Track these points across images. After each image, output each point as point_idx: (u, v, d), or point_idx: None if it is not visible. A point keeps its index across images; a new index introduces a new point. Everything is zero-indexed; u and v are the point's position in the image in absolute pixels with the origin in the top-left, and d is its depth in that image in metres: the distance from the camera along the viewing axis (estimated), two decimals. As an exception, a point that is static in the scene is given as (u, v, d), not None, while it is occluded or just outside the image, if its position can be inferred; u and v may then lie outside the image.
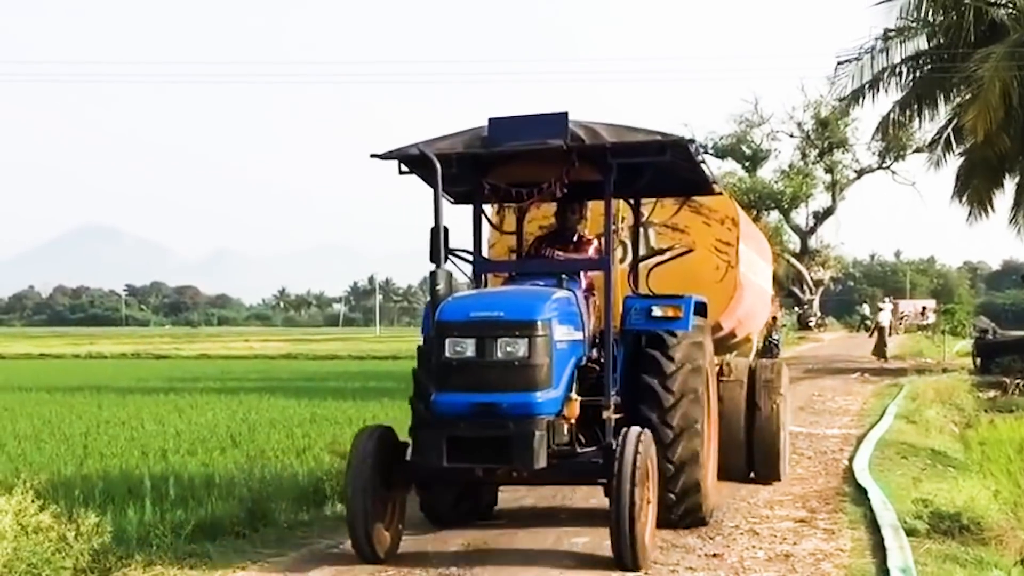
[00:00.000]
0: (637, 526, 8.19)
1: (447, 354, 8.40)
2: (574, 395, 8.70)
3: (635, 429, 8.56)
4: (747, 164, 67.07)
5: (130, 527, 9.50)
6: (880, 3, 35.11)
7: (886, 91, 36.07)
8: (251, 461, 13.13)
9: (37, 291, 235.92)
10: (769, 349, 35.73)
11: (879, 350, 40.92)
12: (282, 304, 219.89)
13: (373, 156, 9.36)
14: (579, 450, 8.73)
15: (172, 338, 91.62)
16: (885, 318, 43.33)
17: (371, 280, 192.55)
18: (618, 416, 9.17)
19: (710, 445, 10.28)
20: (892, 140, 51.68)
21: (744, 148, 66.67)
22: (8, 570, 8.21)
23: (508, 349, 8.31)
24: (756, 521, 10.40)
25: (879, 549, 9.01)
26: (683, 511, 9.60)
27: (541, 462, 8.23)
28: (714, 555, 8.99)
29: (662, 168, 9.42)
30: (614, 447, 8.46)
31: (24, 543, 8.71)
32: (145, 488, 10.90)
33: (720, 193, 11.59)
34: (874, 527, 9.85)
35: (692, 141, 9.40)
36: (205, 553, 9.11)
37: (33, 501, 10.12)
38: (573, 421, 8.67)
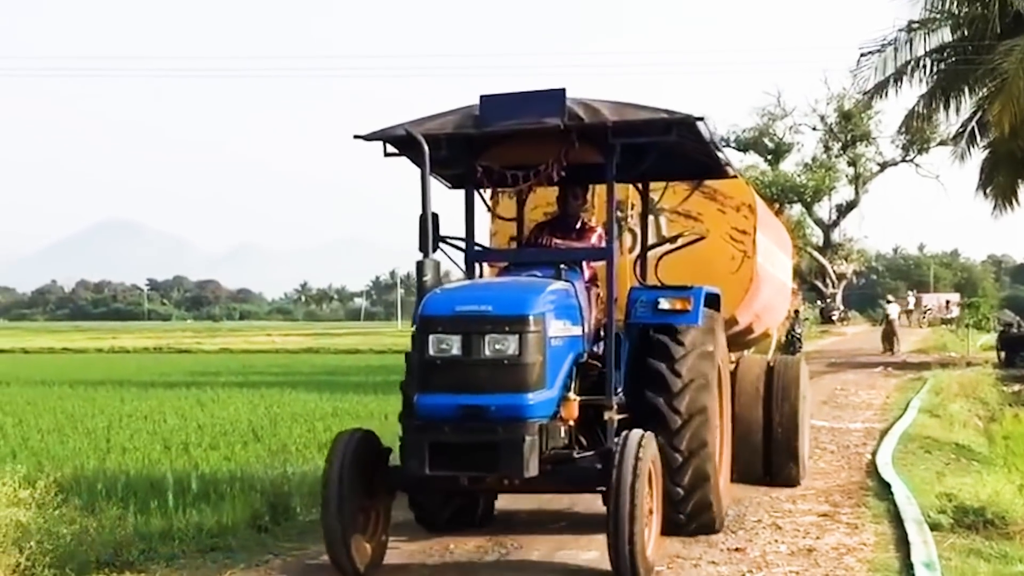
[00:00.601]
0: (637, 539, 7.52)
1: (430, 352, 7.72)
2: (572, 395, 8.11)
3: (636, 432, 7.88)
4: (769, 157, 66.76)
5: (152, 521, 9.52)
6: (905, -5, 34.89)
7: (910, 84, 35.92)
8: (273, 455, 13.14)
9: (60, 286, 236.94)
10: (791, 343, 35.60)
11: (888, 342, 41.23)
12: (304, 298, 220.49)
13: (357, 137, 8.79)
14: (576, 454, 8.15)
15: (194, 332, 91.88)
16: (893, 311, 43.84)
17: (393, 274, 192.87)
18: (622, 416, 8.62)
19: (723, 442, 9.81)
20: (916, 133, 51.44)
21: (767, 141, 66.35)
22: (31, 563, 8.23)
23: (497, 347, 7.63)
24: (779, 515, 10.35)
25: (903, 543, 8.96)
26: (691, 510, 8.99)
27: (532, 470, 7.56)
28: (736, 549, 8.95)
29: (670, 149, 8.86)
30: (614, 451, 7.79)
31: (47, 536, 8.74)
32: (167, 482, 10.96)
33: (735, 176, 10.87)
34: (898, 521, 9.80)
35: (701, 119, 8.56)
36: (227, 547, 9.13)
37: (56, 494, 10.16)
38: (571, 423, 8.11)
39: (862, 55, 36.27)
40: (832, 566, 8.48)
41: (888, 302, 47.11)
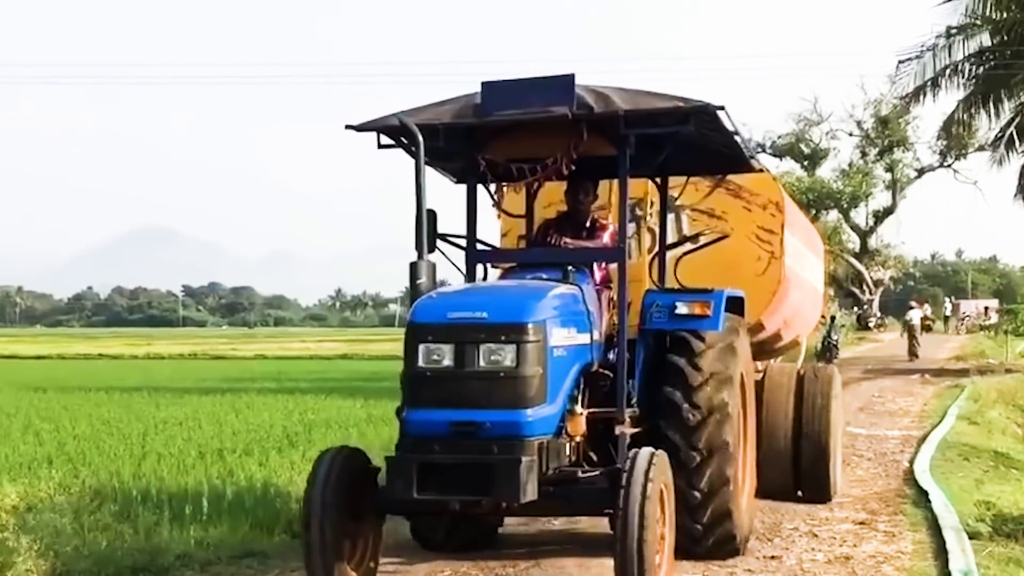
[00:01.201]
0: (647, 567, 6.82)
1: (420, 363, 7.13)
2: (579, 408, 7.55)
3: (647, 449, 7.20)
4: (806, 163, 66.59)
5: (187, 527, 9.54)
6: (944, 2, 34.74)
7: (948, 89, 35.76)
8: (307, 461, 13.12)
9: (96, 292, 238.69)
10: (828, 350, 35.44)
11: (911, 349, 41.29)
12: (338, 304, 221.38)
13: (348, 128, 8.21)
14: (581, 474, 7.50)
15: (229, 339, 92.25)
16: (916, 316, 43.92)
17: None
18: (636, 431, 7.99)
19: (746, 454, 9.20)
20: (954, 139, 51.16)
21: (803, 147, 66.17)
22: (67, 568, 8.28)
23: (492, 357, 7.01)
24: (815, 523, 10.27)
25: (941, 552, 8.88)
26: (709, 519, 8.31)
27: (529, 493, 6.88)
28: (772, 557, 8.90)
29: (689, 141, 8.18)
30: (623, 470, 7.08)
31: (83, 542, 8.78)
32: (202, 487, 10.97)
33: (761, 170, 10.23)
34: (936, 530, 9.71)
35: (722, 108, 7.89)
36: (261, 553, 9.14)
37: (91, 500, 10.23)
38: (578, 439, 7.56)
39: (900, 61, 36.19)
40: (869, 575, 8.42)
41: (911, 308, 47.09)
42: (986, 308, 78.56)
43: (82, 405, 22.97)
